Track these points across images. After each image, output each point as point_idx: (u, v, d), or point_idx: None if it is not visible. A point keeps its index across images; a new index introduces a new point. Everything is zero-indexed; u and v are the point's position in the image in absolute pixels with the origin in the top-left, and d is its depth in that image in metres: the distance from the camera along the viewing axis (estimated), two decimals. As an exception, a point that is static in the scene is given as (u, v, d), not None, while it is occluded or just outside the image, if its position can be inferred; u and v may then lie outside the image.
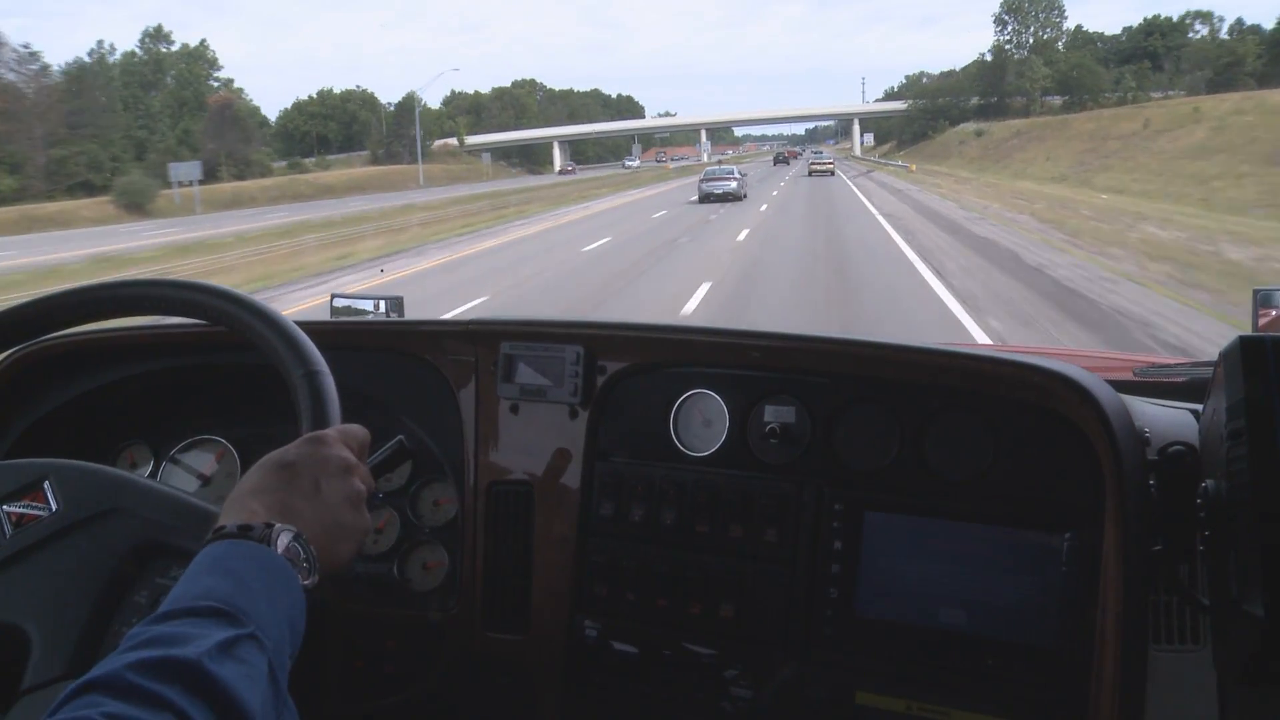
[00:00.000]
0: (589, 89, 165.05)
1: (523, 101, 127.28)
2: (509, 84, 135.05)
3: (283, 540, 0.77)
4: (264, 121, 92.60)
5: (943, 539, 1.21)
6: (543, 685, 1.40)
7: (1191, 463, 1.13)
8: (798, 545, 1.28)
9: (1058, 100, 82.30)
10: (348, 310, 2.02)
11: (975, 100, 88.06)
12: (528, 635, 1.41)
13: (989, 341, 8.22)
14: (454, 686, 1.44)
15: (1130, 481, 1.10)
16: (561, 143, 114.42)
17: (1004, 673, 1.17)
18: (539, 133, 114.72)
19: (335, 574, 0.84)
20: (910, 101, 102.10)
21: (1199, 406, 1.22)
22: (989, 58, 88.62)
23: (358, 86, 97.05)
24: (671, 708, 1.34)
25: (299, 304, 11.98)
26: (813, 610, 1.26)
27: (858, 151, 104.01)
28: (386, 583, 1.47)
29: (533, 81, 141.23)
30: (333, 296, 2.08)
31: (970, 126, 77.13)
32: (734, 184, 32.19)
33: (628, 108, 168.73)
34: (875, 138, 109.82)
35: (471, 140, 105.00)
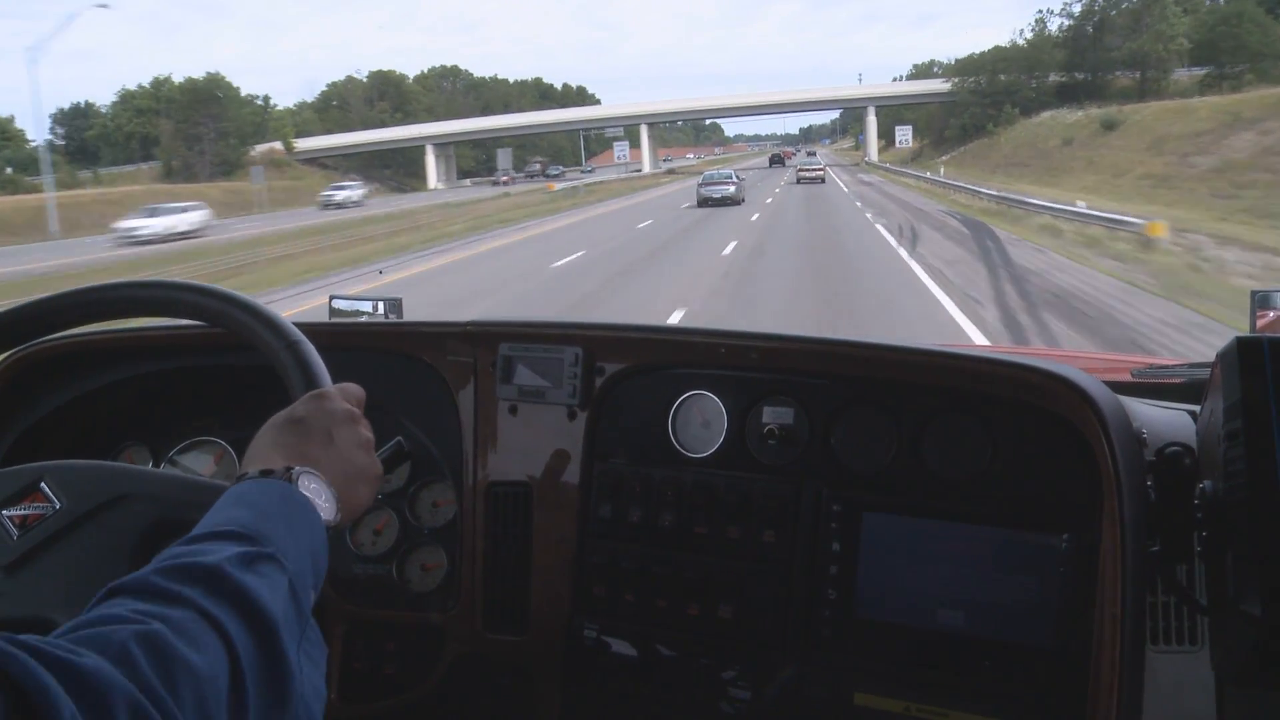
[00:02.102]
0: (531, 79, 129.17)
1: (406, 92, 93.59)
2: (427, 70, 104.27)
3: (304, 480, 0.80)
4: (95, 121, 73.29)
5: (941, 540, 1.21)
6: (542, 686, 1.41)
7: (1189, 464, 1.13)
8: (796, 546, 1.28)
9: (1190, 73, 53.82)
10: (347, 312, 2.03)
11: (1054, 77, 60.26)
12: (527, 636, 1.41)
13: (986, 342, 8.22)
14: (453, 688, 1.44)
15: (1128, 482, 1.10)
16: (442, 147, 79.79)
17: (1002, 674, 1.17)
18: (398, 133, 79.47)
19: (355, 516, 0.88)
20: (955, 81, 66.10)
21: (1196, 408, 1.23)
22: (1075, 14, 60.98)
23: (212, 73, 71.49)
24: (670, 708, 1.34)
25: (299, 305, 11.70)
26: (811, 611, 1.26)
27: (873, 155, 72.88)
28: (385, 584, 1.47)
29: (455, 69, 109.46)
30: (332, 298, 2.08)
31: (1070, 115, 48.95)
32: (732, 188, 33.10)
33: (577, 101, 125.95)
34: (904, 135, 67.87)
35: (310, 144, 75.59)
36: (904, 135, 63.29)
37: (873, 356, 1.29)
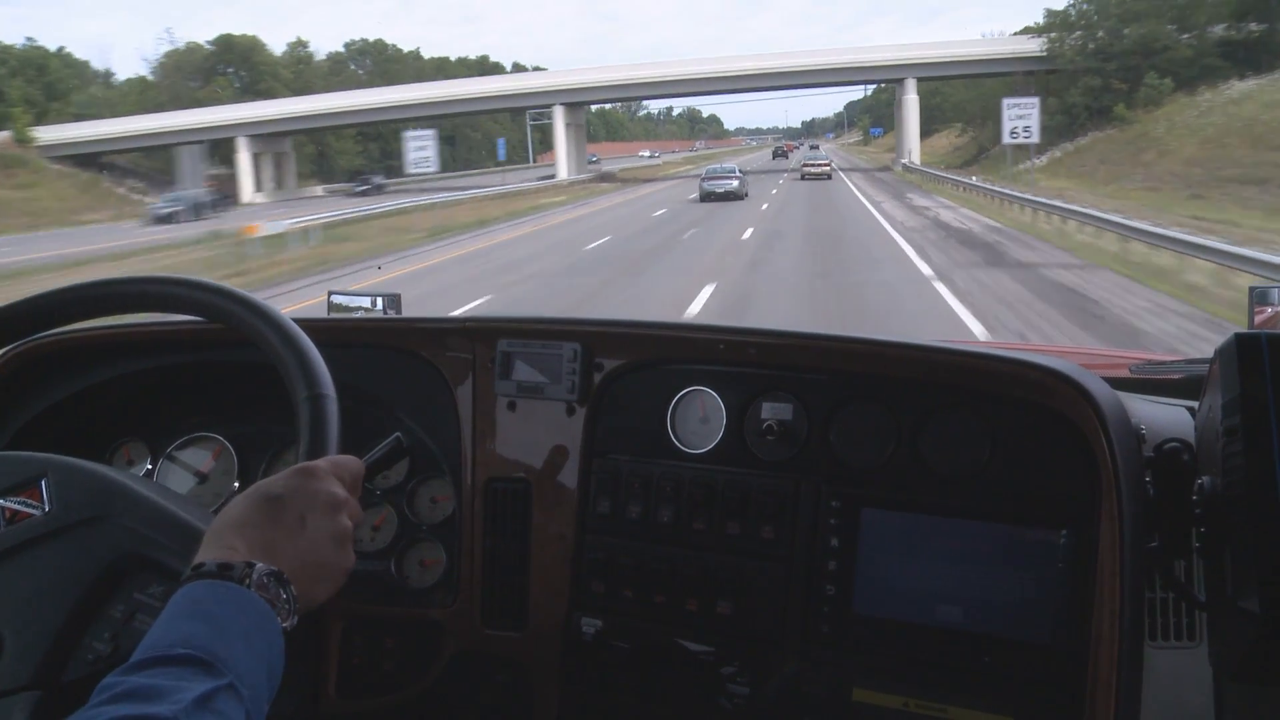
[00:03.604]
0: (476, 57, 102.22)
1: (258, 65, 66.78)
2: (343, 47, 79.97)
3: (264, 580, 0.76)
4: None
5: (939, 536, 1.21)
6: (541, 682, 1.41)
7: (1187, 460, 1.13)
8: (795, 542, 1.28)
9: None
10: (346, 307, 2.03)
11: (1222, 29, 37.60)
12: (525, 632, 1.41)
13: (986, 339, 8.21)
14: (452, 684, 1.44)
15: (1126, 478, 1.10)
16: (271, 140, 53.91)
17: (1001, 670, 1.17)
18: (190, 119, 52.26)
19: (311, 609, 0.83)
20: (1052, 38, 42.08)
21: (1195, 404, 1.23)
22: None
23: (28, 40, 52.61)
24: (669, 704, 1.34)
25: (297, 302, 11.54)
26: (810, 607, 1.26)
27: (913, 153, 47.72)
28: (384, 580, 1.47)
29: (379, 43, 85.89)
30: (330, 294, 2.09)
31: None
32: (735, 183, 32.57)
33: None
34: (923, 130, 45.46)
35: (71, 134, 51.15)
36: (1024, 119, 25.94)
37: (871, 352, 1.29)
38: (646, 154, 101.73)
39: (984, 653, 1.18)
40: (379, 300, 2.01)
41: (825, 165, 44.85)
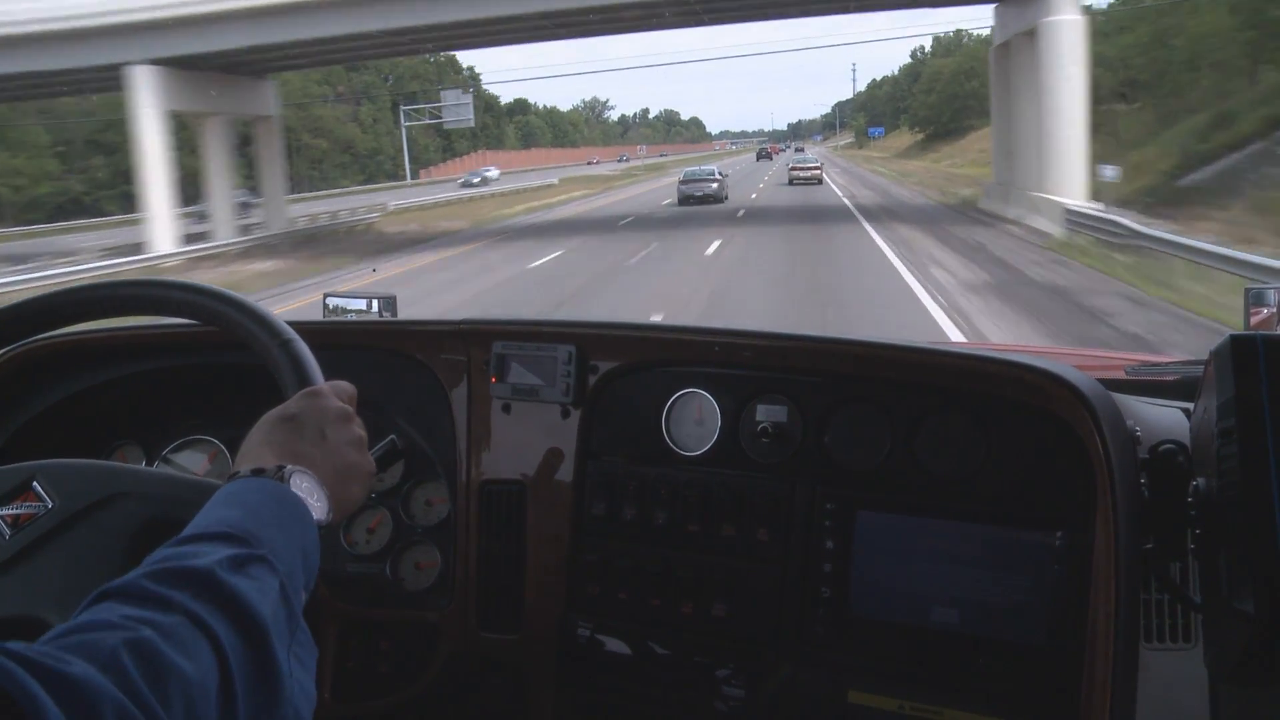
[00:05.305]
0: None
1: None
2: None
3: (296, 479, 0.80)
4: None
5: (935, 538, 1.21)
6: (536, 685, 1.41)
7: (1183, 461, 1.13)
8: (790, 544, 1.28)
9: None
10: (341, 310, 2.03)
11: None
12: (520, 635, 1.41)
13: (977, 340, 8.25)
14: (447, 686, 1.44)
15: (1121, 480, 1.10)
16: None
17: (996, 671, 1.17)
18: None
19: (348, 514, 0.88)
20: None
21: (1190, 405, 1.23)
22: None
23: None
24: (664, 707, 1.34)
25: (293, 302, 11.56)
26: (805, 609, 1.26)
27: (1111, 170, 15.52)
28: (379, 583, 1.47)
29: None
30: (326, 296, 2.09)
31: None
32: (714, 186, 30.87)
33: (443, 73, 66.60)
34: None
35: None
36: None
37: (866, 354, 1.29)
38: (482, 174, 55.66)
39: (979, 655, 1.18)
40: (374, 302, 2.01)
41: (815, 169, 42.13)
